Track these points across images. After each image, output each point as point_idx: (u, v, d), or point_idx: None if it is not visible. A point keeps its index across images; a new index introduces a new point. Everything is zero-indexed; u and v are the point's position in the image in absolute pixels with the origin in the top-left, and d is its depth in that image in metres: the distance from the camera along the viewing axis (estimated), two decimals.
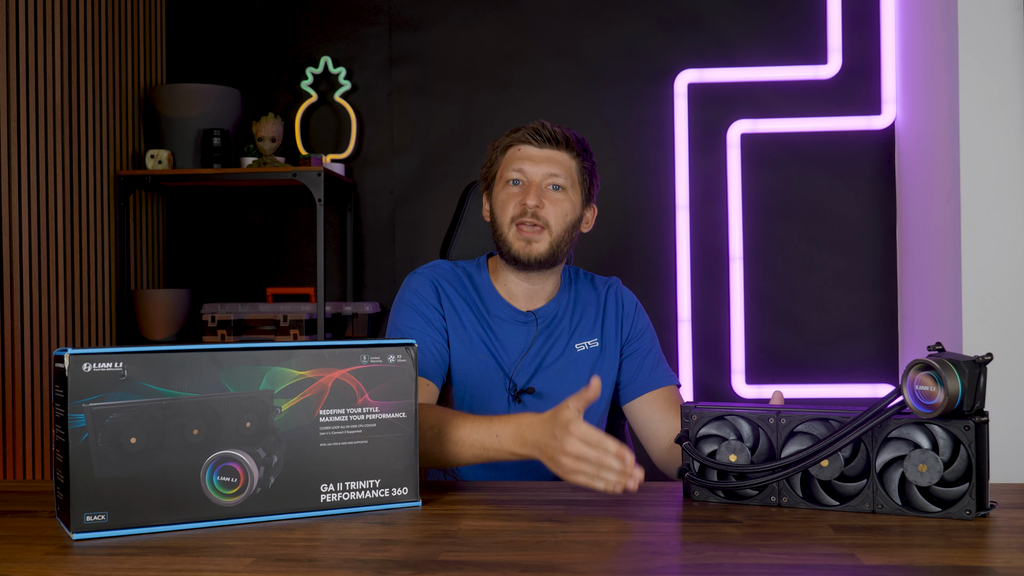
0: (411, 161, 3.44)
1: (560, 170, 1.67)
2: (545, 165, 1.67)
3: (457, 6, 3.41)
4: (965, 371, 1.19)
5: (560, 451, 1.27)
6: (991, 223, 2.51)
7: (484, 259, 1.80)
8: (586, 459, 1.24)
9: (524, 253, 1.65)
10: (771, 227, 3.29)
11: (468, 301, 1.72)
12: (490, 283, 1.75)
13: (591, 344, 1.74)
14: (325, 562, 1.06)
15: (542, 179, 1.67)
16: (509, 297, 1.74)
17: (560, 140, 1.68)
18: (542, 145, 1.68)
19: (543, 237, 1.65)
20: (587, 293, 1.79)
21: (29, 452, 2.68)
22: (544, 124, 1.69)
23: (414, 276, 1.74)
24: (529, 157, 1.68)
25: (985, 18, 2.51)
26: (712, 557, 1.06)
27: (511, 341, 1.71)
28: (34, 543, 1.13)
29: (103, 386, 1.14)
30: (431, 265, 1.77)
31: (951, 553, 1.07)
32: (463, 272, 1.76)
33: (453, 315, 1.70)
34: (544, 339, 1.72)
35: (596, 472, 1.24)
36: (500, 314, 1.72)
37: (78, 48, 2.96)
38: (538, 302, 1.74)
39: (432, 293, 1.71)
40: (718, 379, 3.29)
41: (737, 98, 3.30)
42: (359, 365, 1.28)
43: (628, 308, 1.80)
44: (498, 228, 1.69)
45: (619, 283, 1.83)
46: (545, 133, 1.68)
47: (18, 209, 2.66)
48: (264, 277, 3.48)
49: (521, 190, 1.67)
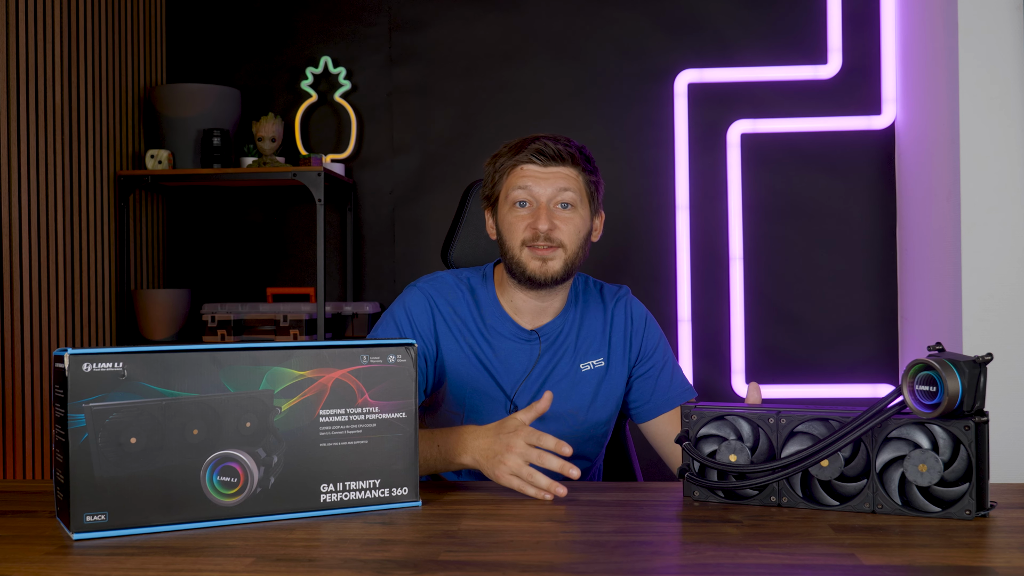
0: (411, 161, 3.44)
1: (568, 185, 1.62)
2: (552, 184, 1.61)
3: (457, 6, 3.41)
4: (965, 371, 1.19)
5: (507, 449, 1.37)
6: (991, 223, 2.51)
7: (491, 268, 1.74)
8: (527, 460, 1.35)
9: (541, 272, 1.60)
10: (771, 227, 3.29)
11: (467, 319, 1.67)
12: (495, 297, 1.69)
13: (596, 364, 1.70)
14: (325, 562, 1.07)
15: (550, 198, 1.61)
16: (514, 313, 1.69)
17: (565, 157, 1.62)
18: (546, 164, 1.62)
19: (558, 255, 1.61)
20: (595, 307, 1.73)
21: (29, 452, 2.68)
22: (546, 142, 1.62)
23: (411, 290, 1.69)
24: (534, 176, 1.62)
25: (985, 18, 2.51)
26: (712, 557, 1.06)
27: (513, 360, 1.67)
28: (34, 543, 1.13)
29: (103, 386, 1.14)
30: (432, 278, 1.71)
31: (951, 553, 1.07)
32: (467, 285, 1.71)
33: (448, 335, 1.66)
34: (549, 358, 1.68)
35: (530, 478, 1.35)
36: (502, 331, 1.68)
37: (78, 48, 2.96)
38: (544, 319, 1.69)
39: (424, 313, 1.66)
40: (718, 379, 3.29)
41: (737, 98, 3.30)
42: (359, 365, 1.28)
43: (637, 324, 1.74)
44: (509, 250, 1.63)
45: (628, 294, 1.77)
46: (549, 151, 1.61)
47: (18, 209, 2.66)
48: (264, 277, 3.48)
49: (530, 212, 1.62)
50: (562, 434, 1.67)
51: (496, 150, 1.70)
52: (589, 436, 1.71)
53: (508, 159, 1.65)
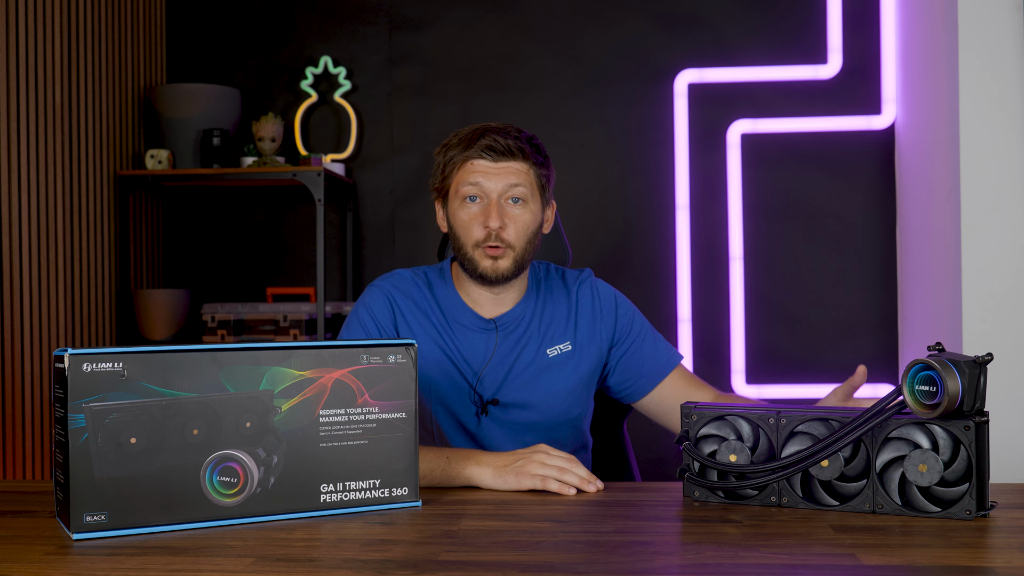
0: (411, 161, 3.44)
1: (519, 180, 1.61)
2: (502, 179, 1.61)
3: (457, 6, 3.41)
4: (965, 371, 1.19)
5: (532, 453, 1.42)
6: (991, 223, 2.51)
7: (448, 264, 1.75)
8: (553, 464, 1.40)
9: (492, 271, 1.62)
10: (771, 227, 3.29)
11: (426, 312, 1.68)
12: (453, 290, 1.70)
13: (563, 348, 1.70)
14: (325, 562, 1.06)
15: (500, 194, 1.61)
16: (473, 304, 1.69)
17: (515, 151, 1.61)
18: (497, 159, 1.61)
19: (507, 254, 1.61)
20: (558, 293, 1.74)
21: (29, 452, 2.68)
22: (495, 138, 1.60)
23: (370, 289, 1.70)
24: (484, 172, 1.61)
25: (985, 18, 2.51)
26: (712, 557, 1.06)
27: (473, 350, 1.67)
28: (34, 543, 1.13)
29: (103, 386, 1.14)
30: (389, 276, 1.72)
31: (951, 553, 1.07)
32: (424, 281, 1.72)
33: (407, 330, 1.67)
34: (511, 346, 1.68)
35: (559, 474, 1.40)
36: (463, 321, 1.68)
37: (78, 48, 2.96)
38: (502, 308, 1.69)
39: (384, 309, 1.67)
40: (718, 379, 3.29)
41: (737, 98, 3.30)
42: (359, 365, 1.28)
43: (606, 304, 1.74)
44: (461, 247, 1.64)
45: (591, 276, 1.77)
46: (499, 147, 1.60)
47: (18, 209, 2.66)
48: (264, 277, 3.48)
49: (480, 208, 1.62)
50: (535, 420, 1.68)
51: (446, 139, 1.68)
52: (563, 420, 1.72)
53: (458, 153, 1.64)
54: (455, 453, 1.46)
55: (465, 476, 1.43)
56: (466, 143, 1.63)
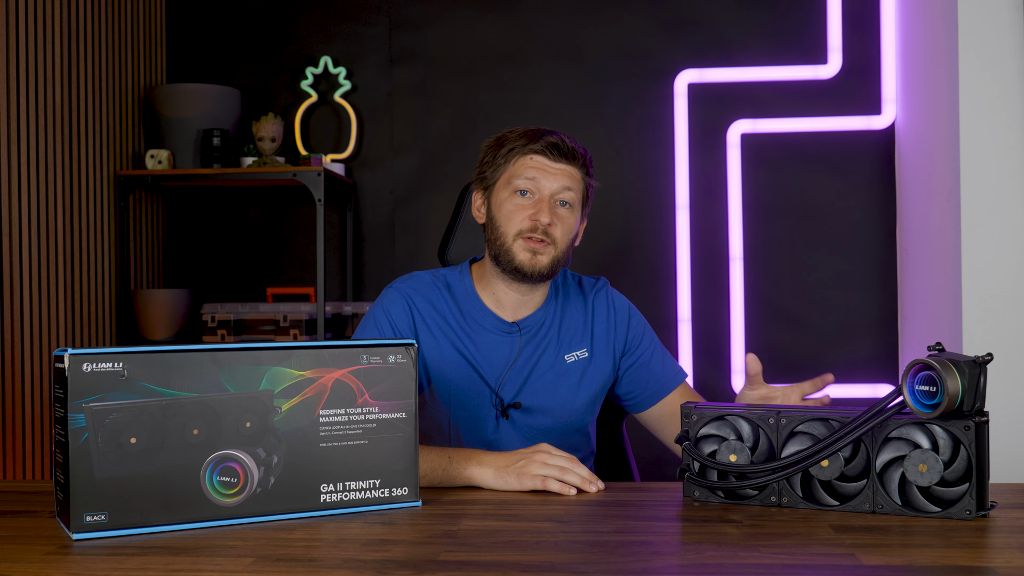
0: (411, 161, 3.44)
1: (571, 185, 1.63)
2: (558, 180, 1.62)
3: (457, 6, 3.41)
4: (965, 371, 1.19)
5: (533, 453, 1.42)
6: (991, 223, 2.51)
7: (467, 266, 1.74)
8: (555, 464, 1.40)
9: (530, 265, 1.60)
10: (771, 227, 3.29)
11: (445, 315, 1.67)
12: (474, 291, 1.69)
13: (580, 355, 1.70)
14: (325, 562, 1.07)
15: (553, 194, 1.62)
16: (495, 306, 1.68)
17: (576, 156, 1.63)
18: (557, 159, 1.62)
19: (548, 251, 1.61)
20: (575, 299, 1.74)
21: (29, 452, 2.68)
22: (561, 138, 1.63)
23: (388, 291, 1.69)
24: (543, 169, 1.61)
25: (985, 18, 2.51)
26: (712, 557, 1.06)
27: (495, 353, 1.66)
28: (34, 543, 1.13)
29: (103, 386, 1.14)
30: (408, 277, 1.71)
31: (951, 553, 1.07)
32: (443, 283, 1.70)
33: (428, 333, 1.65)
34: (531, 350, 1.68)
35: (561, 474, 1.40)
36: (484, 323, 1.67)
37: (78, 48, 2.96)
38: (525, 311, 1.69)
39: (403, 311, 1.65)
40: (718, 379, 3.29)
41: (737, 98, 3.30)
42: (359, 365, 1.28)
43: (620, 314, 1.75)
44: (500, 237, 1.63)
45: (607, 285, 1.78)
46: (563, 148, 1.62)
47: (18, 209, 2.66)
48: (264, 277, 3.48)
49: (531, 203, 1.61)
50: (550, 425, 1.68)
51: (498, 134, 1.69)
52: (577, 427, 1.72)
53: (520, 145, 1.64)
54: (457, 453, 1.46)
55: (467, 476, 1.43)
56: (528, 138, 1.64)
